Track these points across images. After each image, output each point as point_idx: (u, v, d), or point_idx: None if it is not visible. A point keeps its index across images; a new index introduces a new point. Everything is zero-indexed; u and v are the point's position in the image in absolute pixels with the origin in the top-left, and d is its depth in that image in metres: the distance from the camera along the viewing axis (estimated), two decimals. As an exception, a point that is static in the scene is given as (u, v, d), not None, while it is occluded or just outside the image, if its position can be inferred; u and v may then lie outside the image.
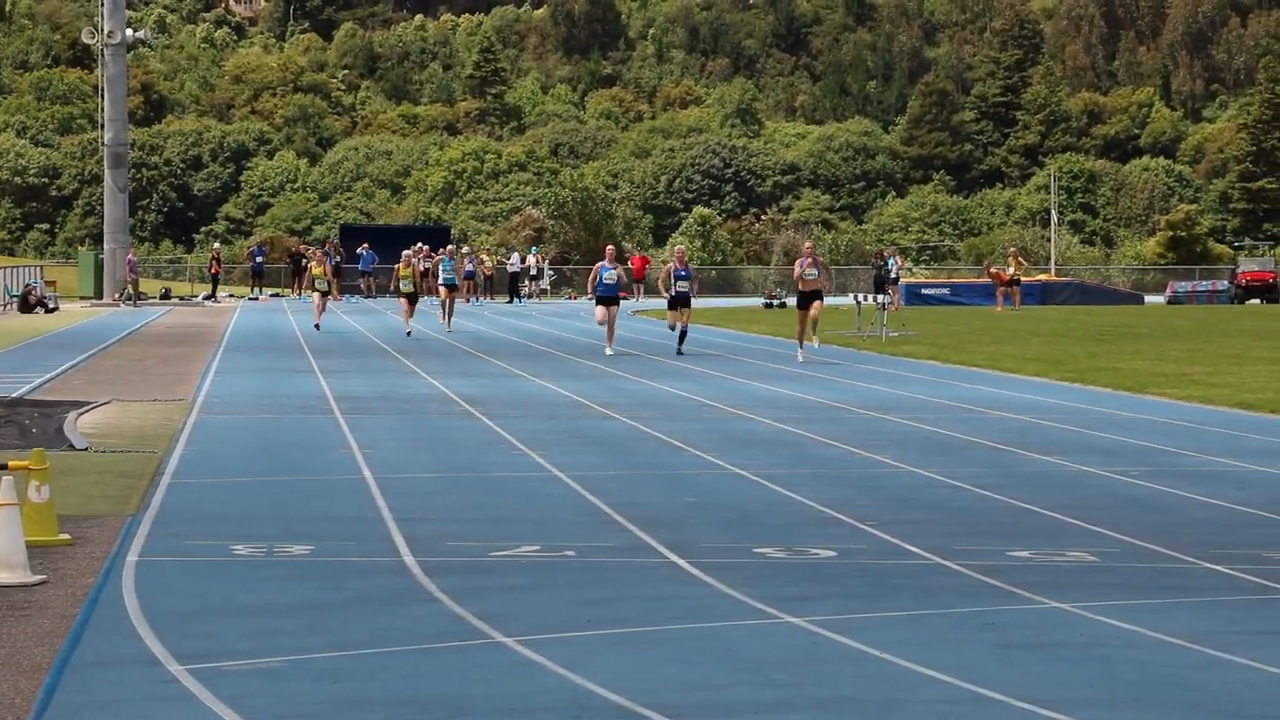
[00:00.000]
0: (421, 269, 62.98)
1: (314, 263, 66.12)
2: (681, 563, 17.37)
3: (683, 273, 49.96)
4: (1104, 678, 12.88)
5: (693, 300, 51.43)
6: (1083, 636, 14.30)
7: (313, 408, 34.47)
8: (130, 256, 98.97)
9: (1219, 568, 17.34)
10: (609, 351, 49.69)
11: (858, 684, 12.63)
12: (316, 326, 61.41)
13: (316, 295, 64.27)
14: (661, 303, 55.77)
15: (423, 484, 23.51)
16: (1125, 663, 13.40)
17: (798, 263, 47.78)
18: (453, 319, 64.54)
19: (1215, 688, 12.62)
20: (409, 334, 58.91)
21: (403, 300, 60.70)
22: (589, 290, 52.25)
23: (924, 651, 13.49)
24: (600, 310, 50.53)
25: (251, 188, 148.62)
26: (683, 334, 50.44)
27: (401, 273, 60.82)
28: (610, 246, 54.91)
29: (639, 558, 17.79)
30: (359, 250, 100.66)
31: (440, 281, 64.68)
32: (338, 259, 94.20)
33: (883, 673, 12.91)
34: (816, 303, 46.95)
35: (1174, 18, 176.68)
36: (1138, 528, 19.80)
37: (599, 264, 51.93)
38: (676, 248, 56.07)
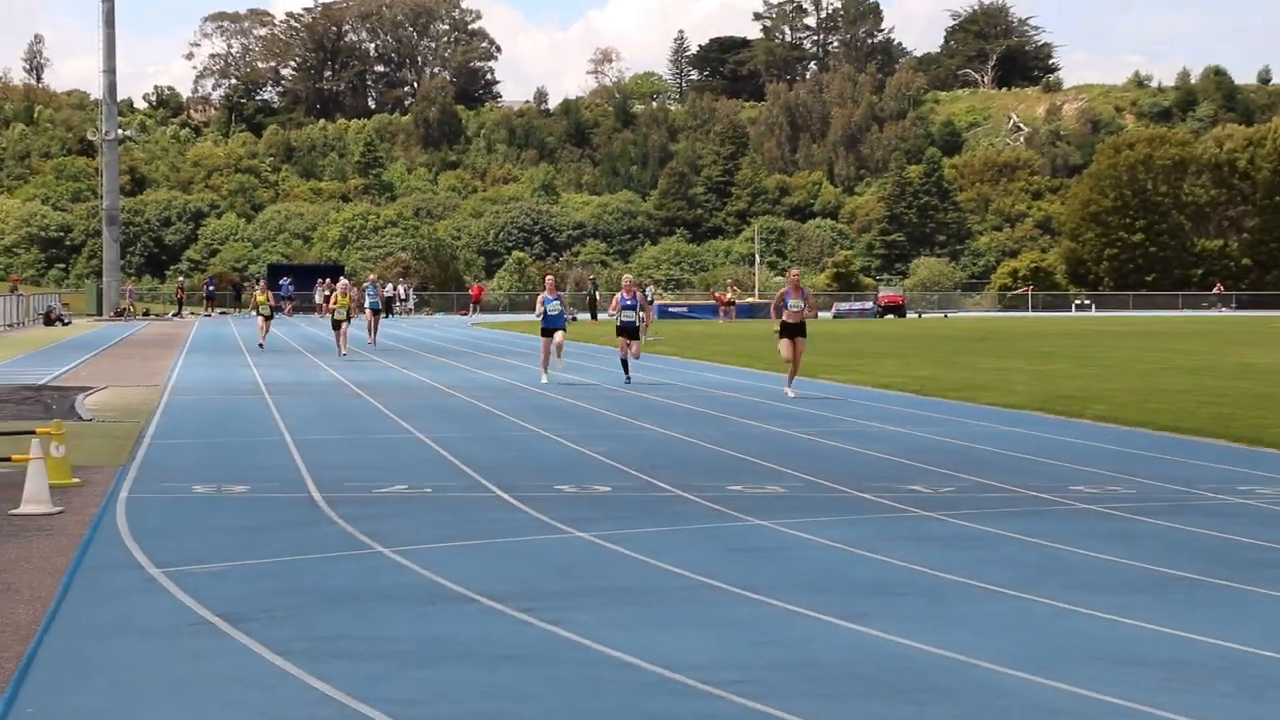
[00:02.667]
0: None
1: (258, 291, 57.13)
2: (506, 496, 17.38)
3: (630, 302, 36.38)
4: (791, 570, 13.02)
5: (641, 332, 38.10)
6: (777, 543, 14.43)
7: (249, 391, 34.16)
8: (129, 287, 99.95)
9: (868, 496, 17.52)
10: (544, 379, 36.19)
11: (628, 578, 12.71)
12: (260, 345, 52.43)
13: (261, 319, 54.06)
14: (496, 317, 54.51)
15: (326, 443, 23.36)
16: (805, 560, 13.55)
17: (780, 293, 32.97)
18: (376, 335, 54.93)
19: (863, 575, 12.80)
20: (343, 354, 47.39)
21: (344, 325, 48.74)
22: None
23: (673, 555, 13.58)
24: (546, 342, 36.78)
25: (206, 239, 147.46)
26: (627, 361, 36.36)
27: (340, 301, 49.16)
28: (550, 277, 40.41)
29: (476, 493, 17.76)
30: (281, 281, 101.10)
31: (366, 305, 55.08)
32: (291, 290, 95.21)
33: (645, 570, 12.99)
34: (800, 339, 32.51)
35: (835, 125, 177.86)
36: (814, 470, 19.96)
37: (541, 295, 37.63)
38: (625, 278, 38.89)
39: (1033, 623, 11.03)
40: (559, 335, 36.96)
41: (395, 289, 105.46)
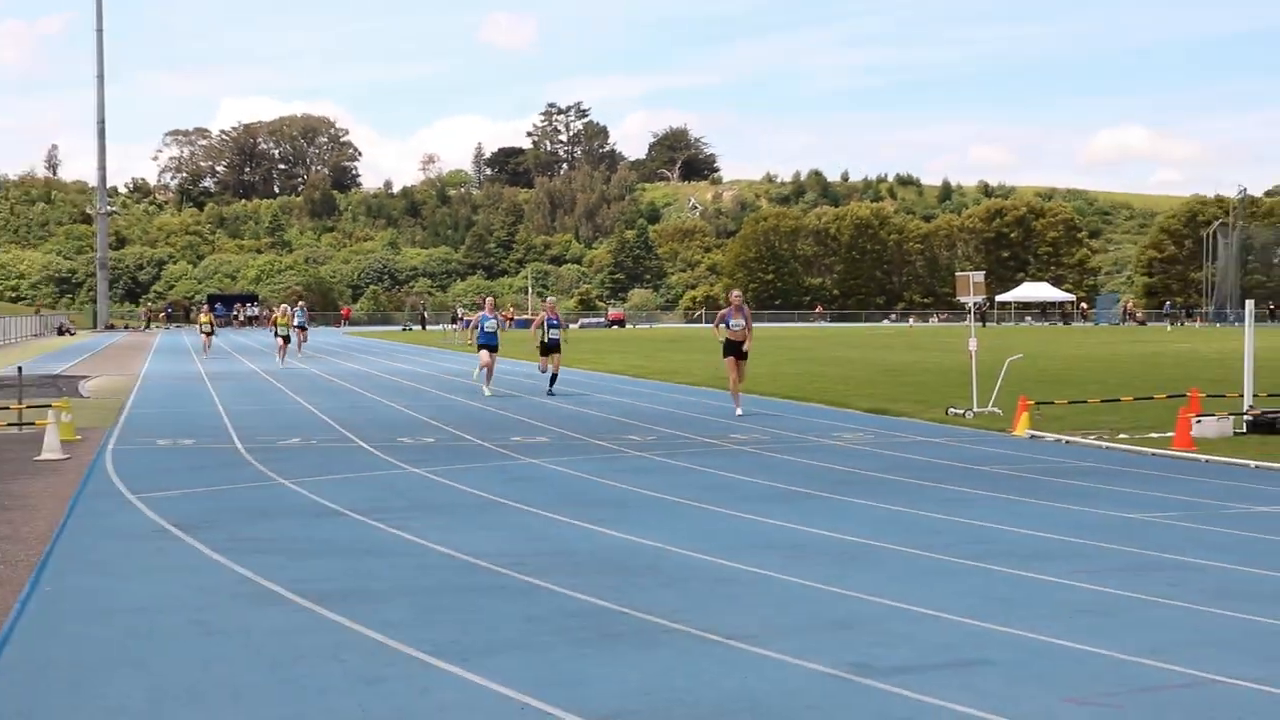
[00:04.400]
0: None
1: (203, 314, 51.16)
2: (365, 446, 17.13)
3: (554, 321, 28.31)
4: (553, 491, 12.98)
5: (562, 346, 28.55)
6: (543, 474, 14.39)
7: (194, 378, 33.31)
8: (145, 310, 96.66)
9: (602, 443, 17.56)
10: (488, 392, 27.27)
11: (445, 497, 12.59)
12: (205, 355, 46.15)
13: (204, 336, 48.57)
14: (360, 329, 53.23)
15: (247, 413, 22.81)
16: (561, 484, 13.53)
17: (721, 313, 23.55)
18: (301, 346, 45.97)
19: (600, 494, 12.81)
20: (283, 365, 39.47)
21: (280, 341, 41.66)
22: (469, 338, 30.40)
23: (474, 482, 13.51)
24: (485, 355, 27.87)
25: (165, 278, 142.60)
26: (553, 377, 28.06)
27: (281, 320, 42.51)
28: (489, 298, 31.04)
29: (345, 444, 17.47)
30: (216, 306, 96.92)
31: (296, 322, 44.13)
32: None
33: (456, 493, 12.89)
34: (742, 361, 22.78)
35: (579, 204, 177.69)
36: (567, 426, 19.97)
37: (479, 314, 29.37)
38: (548, 299, 31.75)
39: (707, 523, 11.12)
40: (494, 354, 28.11)
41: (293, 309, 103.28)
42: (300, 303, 48.06)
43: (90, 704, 5.97)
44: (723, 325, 22.91)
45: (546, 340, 27.48)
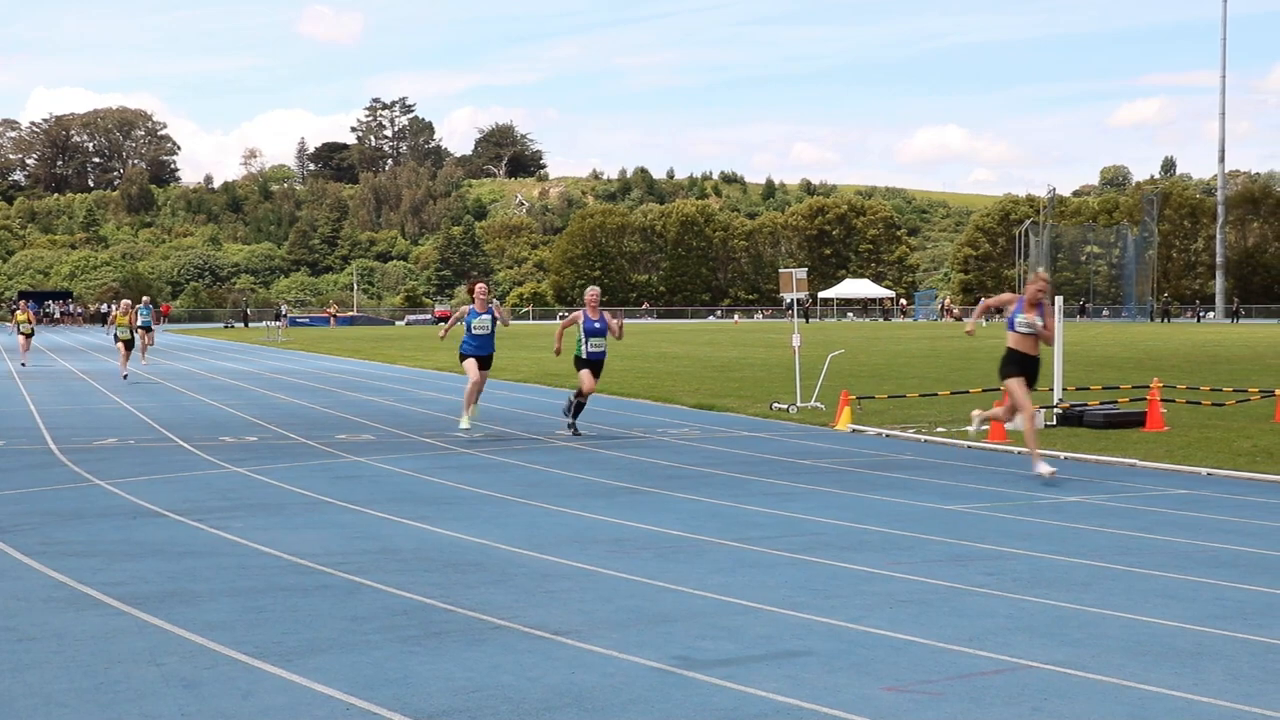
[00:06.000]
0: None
1: (19, 311, 43.62)
2: (185, 445, 16.73)
3: (598, 325, 17.73)
4: (377, 489, 12.84)
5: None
6: (368, 472, 14.23)
7: (4, 377, 32.12)
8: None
9: (428, 440, 17.42)
10: (465, 424, 17.88)
11: (268, 497, 12.36)
12: (23, 365, 39.07)
13: (22, 337, 40.97)
14: (180, 326, 50.32)
15: (61, 413, 22.08)
16: (386, 482, 13.39)
17: (1002, 299, 13.38)
18: (145, 351, 38.61)
19: (426, 492, 12.71)
20: (125, 377, 31.20)
21: (121, 345, 32.14)
22: (443, 332, 18.22)
23: (298, 481, 13.29)
24: (472, 368, 17.84)
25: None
26: (581, 405, 17.99)
27: (120, 320, 32.99)
28: (480, 285, 18.10)
29: (164, 443, 17.03)
30: (30, 304, 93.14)
31: (139, 323, 35.73)
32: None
33: (279, 492, 12.66)
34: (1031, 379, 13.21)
35: (405, 200, 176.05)
36: (393, 424, 19.78)
37: (465, 308, 18.09)
38: (590, 289, 17.79)
39: (532, 519, 11.11)
40: (485, 372, 18.18)
41: (111, 307, 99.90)
42: (145, 298, 43.22)
43: (-110, 717, 5.72)
44: (988, 320, 11.88)
45: (588, 354, 18.03)
